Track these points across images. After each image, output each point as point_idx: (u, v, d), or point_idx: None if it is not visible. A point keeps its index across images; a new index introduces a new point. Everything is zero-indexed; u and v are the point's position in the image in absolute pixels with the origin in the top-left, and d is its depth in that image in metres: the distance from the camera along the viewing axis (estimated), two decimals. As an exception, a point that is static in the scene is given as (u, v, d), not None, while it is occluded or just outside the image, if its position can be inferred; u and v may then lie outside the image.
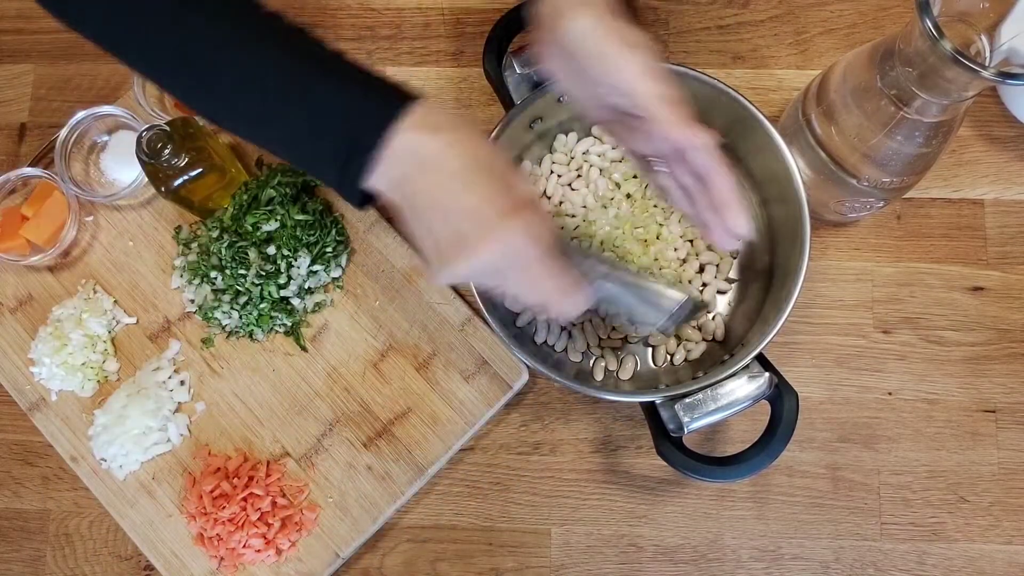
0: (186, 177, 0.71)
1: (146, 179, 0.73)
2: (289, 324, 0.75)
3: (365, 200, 0.50)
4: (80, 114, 0.78)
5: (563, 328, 0.74)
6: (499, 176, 0.48)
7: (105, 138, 0.81)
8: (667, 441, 0.64)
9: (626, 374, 0.73)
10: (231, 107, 0.51)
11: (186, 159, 0.70)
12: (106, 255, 0.79)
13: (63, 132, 0.78)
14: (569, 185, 0.76)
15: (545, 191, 0.76)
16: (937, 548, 0.72)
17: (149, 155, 0.68)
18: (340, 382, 0.75)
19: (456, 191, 0.47)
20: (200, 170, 0.71)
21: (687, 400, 0.63)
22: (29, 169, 0.78)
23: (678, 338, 0.73)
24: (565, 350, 0.74)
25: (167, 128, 0.69)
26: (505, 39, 0.70)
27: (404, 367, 0.75)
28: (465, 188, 0.47)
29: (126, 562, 0.75)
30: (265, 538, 0.70)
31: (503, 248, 0.47)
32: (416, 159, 0.47)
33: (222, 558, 0.71)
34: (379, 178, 0.48)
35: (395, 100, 0.48)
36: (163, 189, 0.71)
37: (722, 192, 0.53)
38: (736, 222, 0.53)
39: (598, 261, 0.57)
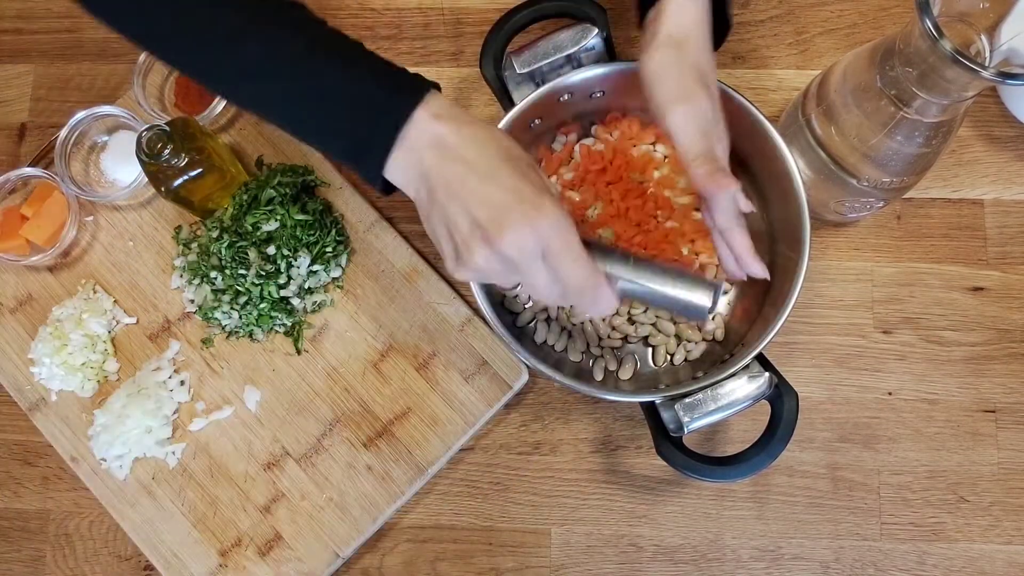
0: (186, 177, 0.71)
1: (146, 179, 0.73)
2: (289, 324, 0.75)
3: (388, 187, 0.51)
4: (80, 114, 0.78)
5: (563, 328, 0.74)
6: (522, 167, 0.49)
7: (105, 138, 0.81)
8: (667, 441, 0.64)
9: (626, 374, 0.73)
10: (248, 90, 0.52)
11: (186, 159, 0.70)
12: (106, 255, 0.79)
13: (63, 132, 0.78)
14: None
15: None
16: (937, 548, 0.72)
17: (149, 155, 0.68)
18: (340, 382, 0.75)
19: (480, 180, 0.47)
20: (200, 170, 0.71)
21: (687, 400, 0.63)
22: (29, 169, 0.78)
23: (678, 338, 0.73)
24: (565, 350, 0.74)
25: (167, 128, 0.69)
26: (504, 39, 0.70)
27: (404, 367, 0.75)
28: (489, 177, 0.47)
29: (126, 562, 0.75)
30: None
31: (532, 235, 0.47)
32: (437, 149, 0.48)
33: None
34: (397, 169, 0.49)
35: (412, 89, 0.49)
36: (163, 189, 0.71)
37: (737, 247, 0.58)
38: (752, 270, 0.58)
39: (621, 260, 0.56)
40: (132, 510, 0.73)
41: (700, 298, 0.57)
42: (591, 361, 0.74)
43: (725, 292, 0.74)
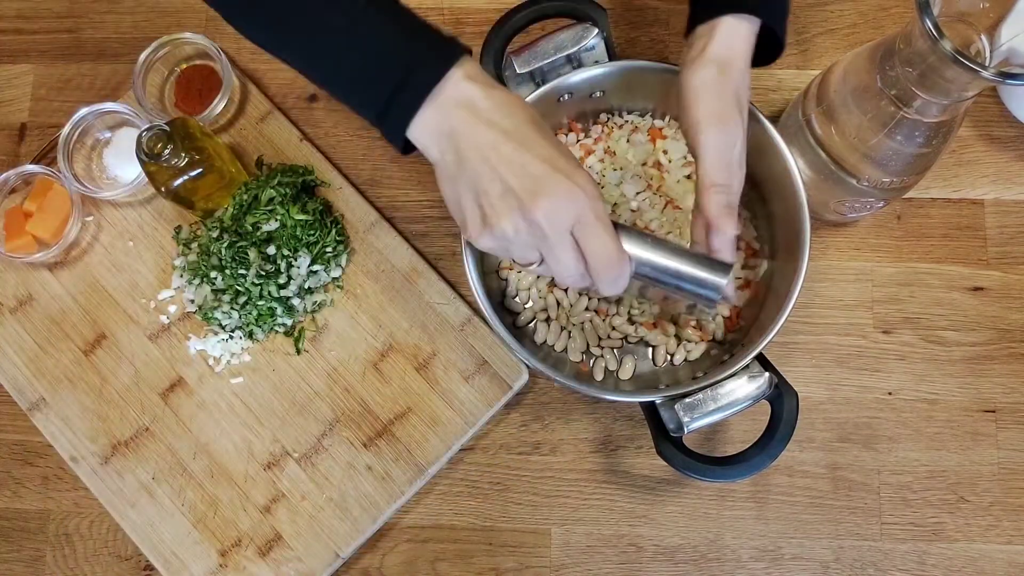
0: (186, 177, 0.71)
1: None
2: (289, 324, 0.75)
3: (408, 147, 0.50)
4: (83, 110, 0.78)
5: (563, 328, 0.74)
6: (552, 138, 0.49)
7: (107, 135, 0.81)
8: (667, 441, 0.64)
9: (626, 374, 0.73)
10: (284, 35, 0.51)
11: (186, 159, 0.70)
12: (106, 255, 0.79)
13: (66, 129, 0.78)
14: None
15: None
16: (937, 548, 0.72)
17: (148, 155, 0.68)
18: (340, 382, 0.75)
19: (515, 147, 0.47)
20: (200, 170, 0.71)
21: (687, 400, 0.63)
22: (31, 166, 0.78)
23: (678, 338, 0.73)
24: (565, 350, 0.74)
25: (167, 128, 0.69)
26: (504, 39, 0.70)
27: (404, 367, 0.75)
28: (524, 145, 0.47)
29: (126, 562, 0.75)
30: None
31: (566, 205, 0.47)
32: (467, 111, 0.47)
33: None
34: (422, 128, 0.48)
35: (448, 50, 0.48)
36: (163, 189, 0.71)
37: (716, 245, 0.59)
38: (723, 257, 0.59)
39: (639, 238, 0.57)
40: (132, 510, 0.73)
41: (716, 275, 0.57)
42: (591, 361, 0.74)
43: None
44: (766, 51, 0.59)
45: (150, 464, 0.74)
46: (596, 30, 0.68)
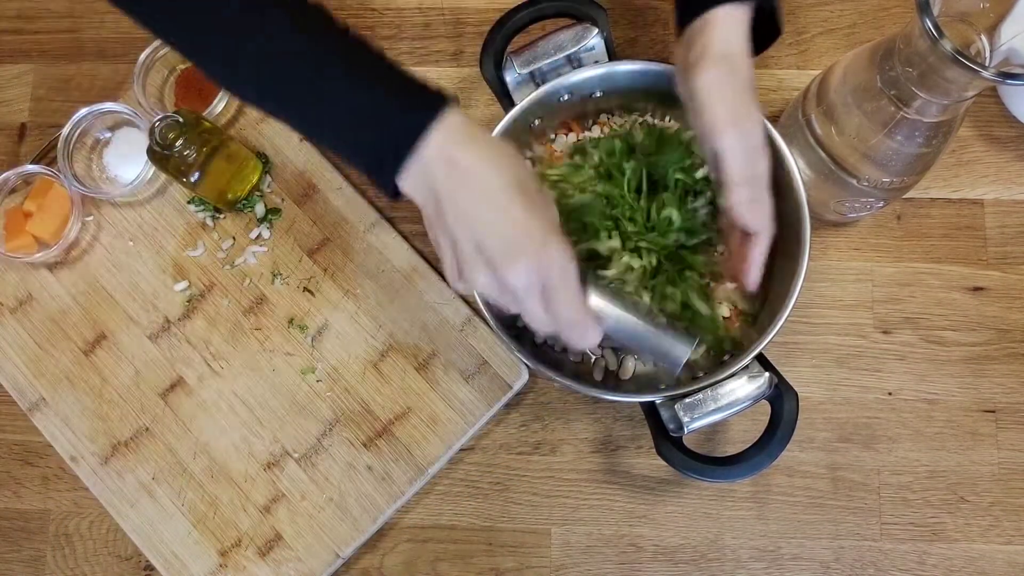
0: (202, 160, 0.69)
1: (148, 176, 0.73)
2: None
3: (397, 193, 0.51)
4: (83, 111, 0.78)
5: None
6: (532, 198, 0.49)
7: (107, 135, 0.81)
8: (667, 441, 0.64)
9: (626, 374, 0.73)
10: (265, 91, 0.52)
11: (204, 145, 0.69)
12: (107, 255, 0.79)
13: (66, 129, 0.78)
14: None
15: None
16: (937, 548, 0.72)
17: (162, 145, 0.68)
18: (340, 382, 0.75)
19: (491, 210, 0.48)
20: (220, 144, 0.70)
21: (687, 400, 0.63)
22: (32, 166, 0.78)
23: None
24: (565, 350, 0.74)
25: (180, 118, 0.68)
26: (504, 39, 0.70)
27: (404, 367, 0.75)
28: (501, 209, 0.48)
29: (126, 562, 0.75)
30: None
31: (535, 272, 0.49)
32: (449, 167, 0.48)
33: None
34: (409, 181, 0.49)
35: (427, 106, 0.48)
36: (183, 179, 0.70)
37: (752, 256, 0.58)
38: (748, 278, 0.59)
39: (612, 302, 0.58)
40: (132, 510, 0.73)
41: (678, 350, 0.59)
42: (591, 361, 0.74)
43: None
44: (761, 35, 0.58)
45: (150, 464, 0.74)
46: (596, 30, 0.68)
